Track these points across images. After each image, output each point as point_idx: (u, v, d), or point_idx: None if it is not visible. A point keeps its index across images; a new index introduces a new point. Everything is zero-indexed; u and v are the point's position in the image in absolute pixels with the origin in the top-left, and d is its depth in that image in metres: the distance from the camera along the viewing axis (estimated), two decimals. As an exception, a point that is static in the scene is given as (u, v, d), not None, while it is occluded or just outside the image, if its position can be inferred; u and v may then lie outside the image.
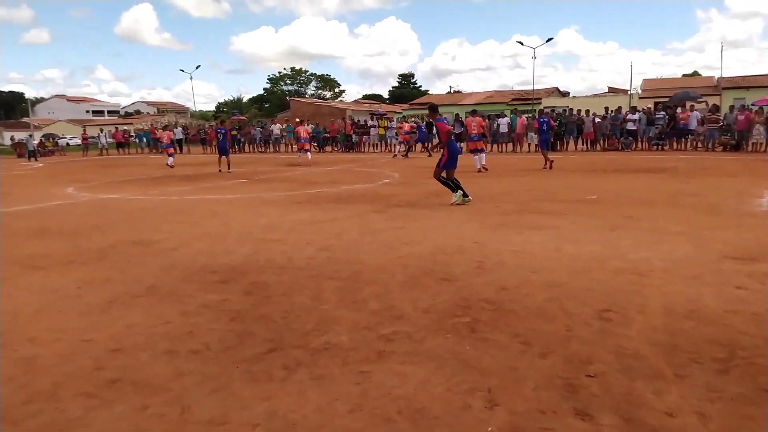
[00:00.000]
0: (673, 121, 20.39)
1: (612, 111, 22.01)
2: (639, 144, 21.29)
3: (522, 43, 54.63)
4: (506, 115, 20.53)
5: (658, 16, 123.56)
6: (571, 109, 24.22)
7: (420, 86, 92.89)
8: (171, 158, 20.48)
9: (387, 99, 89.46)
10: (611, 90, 55.49)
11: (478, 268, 4.87)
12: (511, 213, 7.78)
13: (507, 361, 2.99)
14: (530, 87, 52.13)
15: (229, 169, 17.13)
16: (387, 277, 4.67)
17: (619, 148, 20.90)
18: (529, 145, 22.92)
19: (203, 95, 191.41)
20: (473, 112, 16.16)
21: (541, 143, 14.98)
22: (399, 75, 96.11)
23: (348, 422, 2.41)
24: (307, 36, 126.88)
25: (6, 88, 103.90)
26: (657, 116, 21.19)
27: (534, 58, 45.50)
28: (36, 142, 33.98)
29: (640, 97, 42.27)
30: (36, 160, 29.32)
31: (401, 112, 53.40)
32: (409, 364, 2.97)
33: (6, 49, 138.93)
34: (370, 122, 28.65)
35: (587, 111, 22.38)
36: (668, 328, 3.36)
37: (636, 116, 21.12)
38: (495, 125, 23.44)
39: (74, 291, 4.52)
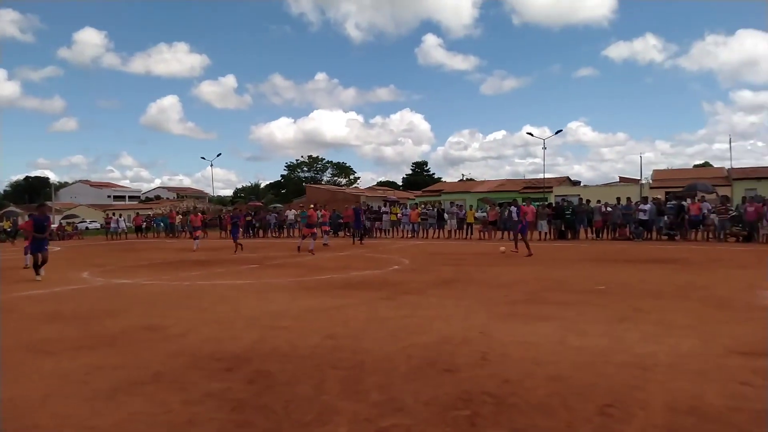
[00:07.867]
0: (682, 212, 20.59)
1: (625, 200, 22.35)
2: (650, 234, 21.38)
3: (532, 135, 56.30)
4: (518, 204, 20.97)
5: (666, 109, 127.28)
6: (580, 198, 24.64)
7: (433, 174, 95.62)
8: (197, 241, 21.25)
9: (401, 186, 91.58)
10: (622, 179, 56.35)
11: (482, 360, 4.87)
12: (519, 302, 7.80)
13: (506, 457, 2.97)
14: (542, 175, 53.10)
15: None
16: (391, 367, 4.68)
17: (631, 238, 20.99)
18: (539, 232, 23.11)
19: (222, 181, 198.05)
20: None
21: (521, 231, 16.66)
22: (413, 163, 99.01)
23: None
24: (325, 126, 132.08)
25: (33, 173, 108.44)
26: (668, 206, 21.41)
27: (544, 149, 46.80)
28: (55, 225, 34.91)
29: (651, 187, 42.85)
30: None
31: (414, 199, 54.44)
32: (405, 459, 2.96)
33: (37, 136, 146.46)
34: (383, 208, 29.24)
35: (598, 200, 22.73)
36: (669, 425, 3.32)
37: (647, 206, 21.31)
38: (506, 213, 23.81)
39: (82, 377, 4.57)
